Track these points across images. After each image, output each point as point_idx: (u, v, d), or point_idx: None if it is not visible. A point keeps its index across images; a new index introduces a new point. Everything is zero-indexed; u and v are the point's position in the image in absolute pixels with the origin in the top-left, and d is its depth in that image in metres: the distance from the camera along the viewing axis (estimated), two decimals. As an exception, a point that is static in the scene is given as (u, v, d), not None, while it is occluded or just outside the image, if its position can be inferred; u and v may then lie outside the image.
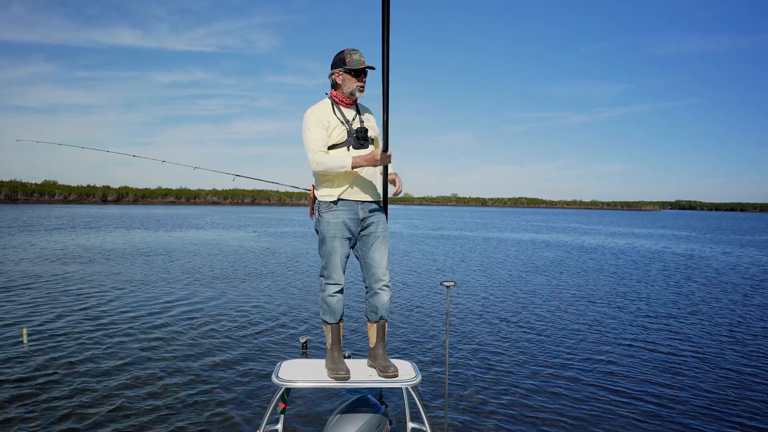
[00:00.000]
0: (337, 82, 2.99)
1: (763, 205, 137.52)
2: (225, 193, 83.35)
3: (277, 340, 6.47)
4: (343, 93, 2.99)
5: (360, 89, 2.97)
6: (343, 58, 2.95)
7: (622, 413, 4.44)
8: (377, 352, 3.03)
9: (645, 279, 12.38)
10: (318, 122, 2.92)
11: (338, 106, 3.00)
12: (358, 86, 2.96)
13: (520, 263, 15.14)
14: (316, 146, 2.89)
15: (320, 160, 2.87)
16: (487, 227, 35.89)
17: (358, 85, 2.95)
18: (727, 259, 17.63)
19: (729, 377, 5.44)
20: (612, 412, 4.46)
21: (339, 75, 2.97)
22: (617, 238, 27.44)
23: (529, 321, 7.74)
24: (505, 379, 5.20)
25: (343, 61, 2.94)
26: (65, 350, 5.77)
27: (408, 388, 2.87)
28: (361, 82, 2.96)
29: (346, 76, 2.95)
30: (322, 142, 2.90)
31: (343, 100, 3.00)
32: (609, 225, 44.04)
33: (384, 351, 3.05)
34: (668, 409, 4.59)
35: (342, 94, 3.00)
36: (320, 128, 2.91)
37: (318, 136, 2.90)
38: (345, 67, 2.93)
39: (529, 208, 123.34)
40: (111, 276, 11.05)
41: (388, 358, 3.01)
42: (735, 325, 7.74)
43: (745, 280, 12.61)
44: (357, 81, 2.95)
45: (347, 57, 2.93)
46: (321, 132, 2.91)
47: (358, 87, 2.96)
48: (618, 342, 6.70)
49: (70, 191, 67.19)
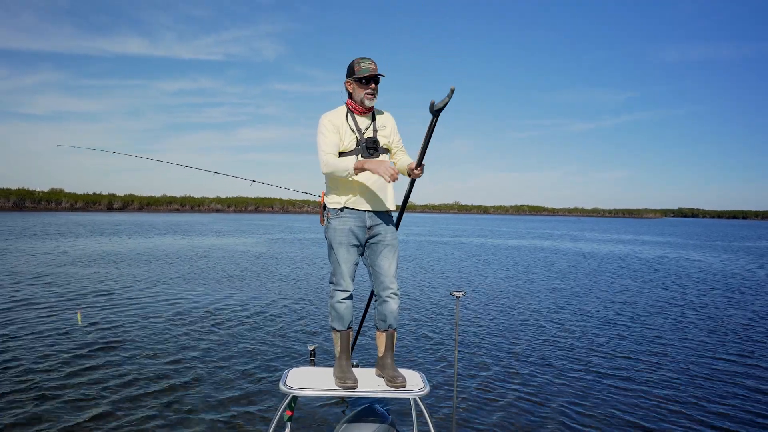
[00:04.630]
0: (349, 91, 3.04)
1: (766, 213, 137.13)
2: (229, 200, 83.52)
3: (285, 347, 6.47)
4: (355, 101, 3.03)
5: (368, 97, 2.99)
6: (352, 67, 2.99)
7: (635, 429, 4.37)
8: (385, 361, 3.02)
9: (654, 287, 12.34)
10: (331, 125, 2.98)
11: (353, 114, 3.05)
12: (366, 94, 2.98)
13: (529, 271, 15.10)
14: (327, 148, 2.94)
15: (328, 161, 2.93)
16: (490, 234, 35.84)
17: (365, 93, 2.98)
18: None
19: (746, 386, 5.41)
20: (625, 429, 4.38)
21: (350, 84, 3.02)
22: (618, 245, 27.36)
23: (540, 332, 7.67)
24: (514, 391, 5.16)
25: (352, 70, 2.99)
26: (68, 348, 5.79)
27: (416, 398, 2.86)
28: (370, 90, 2.98)
29: (355, 84, 2.99)
30: (333, 145, 2.95)
31: (357, 109, 3.04)
32: (607, 233, 43.93)
33: (392, 360, 3.04)
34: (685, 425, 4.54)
35: (355, 103, 3.04)
36: (333, 132, 2.97)
37: (330, 139, 2.95)
38: (354, 76, 2.98)
39: (530, 216, 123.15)
40: (122, 278, 11.07)
41: (397, 368, 3.00)
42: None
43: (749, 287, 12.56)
44: (365, 89, 2.98)
45: (356, 66, 2.98)
46: (334, 135, 2.96)
47: (366, 95, 2.98)
48: (631, 355, 6.58)
49: (77, 199, 67.56)
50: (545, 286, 12.22)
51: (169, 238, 24.92)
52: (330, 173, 2.95)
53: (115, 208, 69.92)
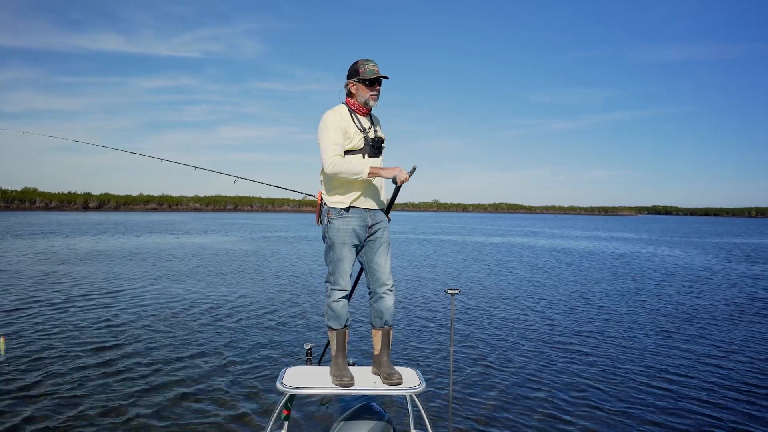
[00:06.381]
0: (352, 92, 3.05)
1: (735, 210, 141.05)
2: (207, 199, 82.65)
3: (281, 346, 6.48)
4: (358, 102, 3.04)
5: (373, 98, 3.02)
6: (357, 69, 3.01)
7: (631, 423, 4.45)
8: (381, 359, 3.05)
9: (626, 279, 12.62)
10: (338, 125, 2.96)
11: (355, 114, 3.05)
12: (372, 95, 3.01)
13: (515, 267, 15.28)
14: (333, 149, 2.92)
15: (338, 163, 2.89)
16: (472, 232, 36.11)
17: (371, 94, 3.01)
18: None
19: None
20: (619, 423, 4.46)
21: (353, 85, 3.03)
22: (594, 241, 27.84)
23: (537, 329, 7.76)
24: (510, 387, 5.23)
25: (356, 72, 3.00)
26: (67, 346, 5.72)
27: (412, 395, 2.89)
28: (375, 91, 3.01)
29: (359, 86, 3.00)
30: (340, 146, 2.94)
31: (360, 109, 3.05)
32: (584, 230, 44.65)
33: (388, 358, 3.07)
34: (679, 420, 4.64)
35: (357, 103, 3.05)
36: (339, 132, 2.95)
37: (337, 140, 2.93)
38: (358, 78, 2.99)
39: (509, 214, 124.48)
40: (114, 277, 10.88)
41: (393, 366, 3.03)
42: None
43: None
44: (370, 90, 3.00)
45: (361, 67, 3.00)
46: (340, 135, 2.95)
47: (371, 96, 3.01)
48: (624, 350, 6.69)
49: (51, 198, 66.24)
50: (532, 282, 12.39)
51: (157, 237, 24.65)
52: (336, 174, 2.92)
53: (91, 207, 68.67)
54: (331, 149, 2.91)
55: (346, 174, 2.90)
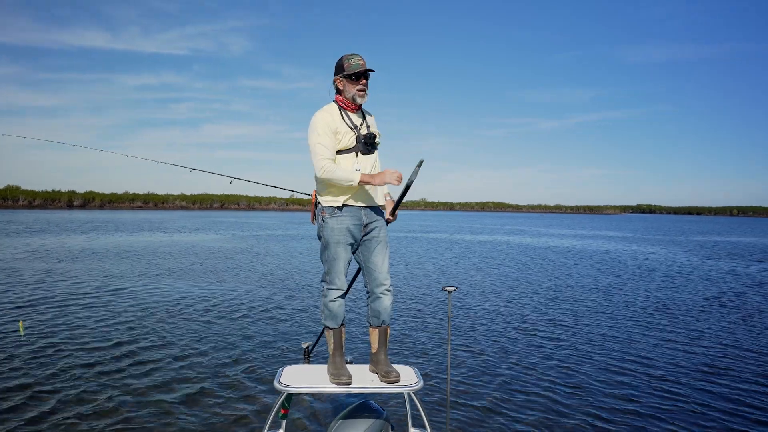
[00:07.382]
0: (340, 88, 3.00)
1: (717, 209, 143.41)
2: (194, 197, 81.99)
3: (278, 345, 6.46)
4: (346, 98, 3.00)
5: (360, 94, 2.97)
6: (342, 64, 2.96)
7: (628, 421, 4.48)
8: (379, 357, 3.05)
9: (612, 276, 12.77)
10: (327, 128, 2.90)
11: (345, 111, 3.00)
12: (358, 90, 2.96)
13: (506, 265, 15.35)
14: (324, 153, 2.87)
15: (329, 169, 2.86)
16: (461, 230, 36.23)
17: (357, 89, 2.96)
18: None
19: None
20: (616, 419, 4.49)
21: (340, 81, 2.98)
22: (580, 239, 28.11)
23: (530, 325, 7.83)
24: (507, 384, 5.26)
25: (341, 67, 2.96)
26: (63, 343, 5.69)
27: (410, 393, 2.90)
28: (361, 86, 2.97)
29: (346, 81, 2.95)
30: (331, 150, 2.89)
31: (349, 106, 3.00)
32: (570, 228, 45.04)
33: (386, 356, 3.07)
34: (676, 417, 4.67)
35: (346, 100, 3.00)
36: (330, 134, 2.89)
37: (328, 143, 2.88)
38: (343, 73, 2.95)
39: (495, 212, 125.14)
40: (109, 276, 10.76)
41: (390, 364, 3.03)
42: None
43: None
44: (356, 85, 2.96)
45: (345, 62, 2.94)
46: (330, 138, 2.89)
47: (357, 92, 2.96)
48: (622, 346, 6.73)
49: (35, 196, 65.29)
50: (524, 279, 12.46)
51: (148, 235, 24.43)
52: (327, 180, 2.88)
53: (76, 206, 67.75)
54: (321, 152, 2.86)
55: (337, 180, 2.86)
